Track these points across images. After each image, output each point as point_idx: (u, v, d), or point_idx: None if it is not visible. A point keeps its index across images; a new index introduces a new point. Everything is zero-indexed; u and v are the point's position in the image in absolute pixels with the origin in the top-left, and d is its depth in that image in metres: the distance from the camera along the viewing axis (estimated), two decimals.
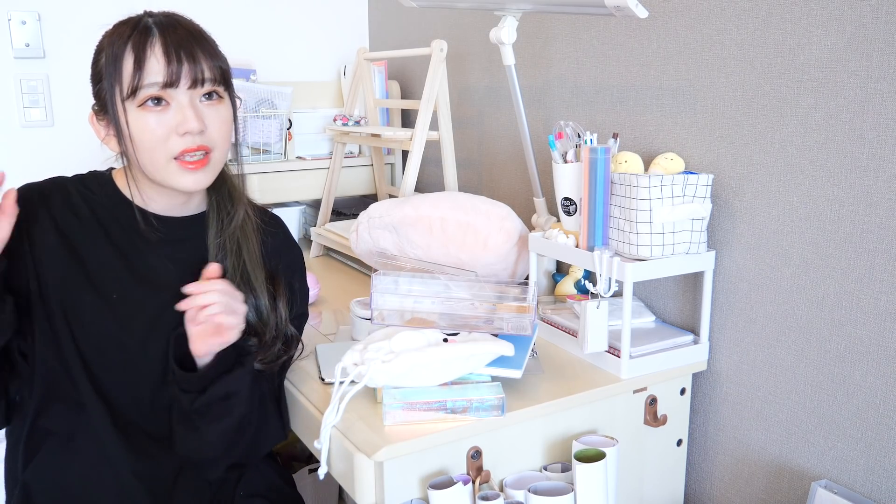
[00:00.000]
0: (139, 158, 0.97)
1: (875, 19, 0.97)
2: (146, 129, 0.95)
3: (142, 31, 0.94)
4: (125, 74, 0.94)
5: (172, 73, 0.94)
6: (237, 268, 1.05)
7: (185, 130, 0.95)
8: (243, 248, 1.06)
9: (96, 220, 1.02)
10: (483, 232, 1.35)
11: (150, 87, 0.94)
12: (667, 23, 1.26)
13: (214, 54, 0.99)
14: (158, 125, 0.95)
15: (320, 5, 2.16)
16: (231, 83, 1.03)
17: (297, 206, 1.96)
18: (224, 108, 1.01)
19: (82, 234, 1.01)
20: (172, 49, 0.94)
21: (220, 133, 1.00)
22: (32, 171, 1.20)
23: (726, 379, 1.23)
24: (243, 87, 1.82)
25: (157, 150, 0.96)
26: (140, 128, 0.95)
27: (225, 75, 1.01)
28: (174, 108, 0.96)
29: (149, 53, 0.94)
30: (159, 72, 0.94)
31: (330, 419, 0.95)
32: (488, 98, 1.77)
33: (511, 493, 1.01)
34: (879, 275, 1.00)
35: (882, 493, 1.03)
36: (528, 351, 1.08)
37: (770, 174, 1.12)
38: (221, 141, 1.01)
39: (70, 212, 1.02)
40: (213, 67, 0.98)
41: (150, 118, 0.95)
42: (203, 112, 0.98)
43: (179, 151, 0.96)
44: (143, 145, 0.96)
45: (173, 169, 0.98)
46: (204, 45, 0.98)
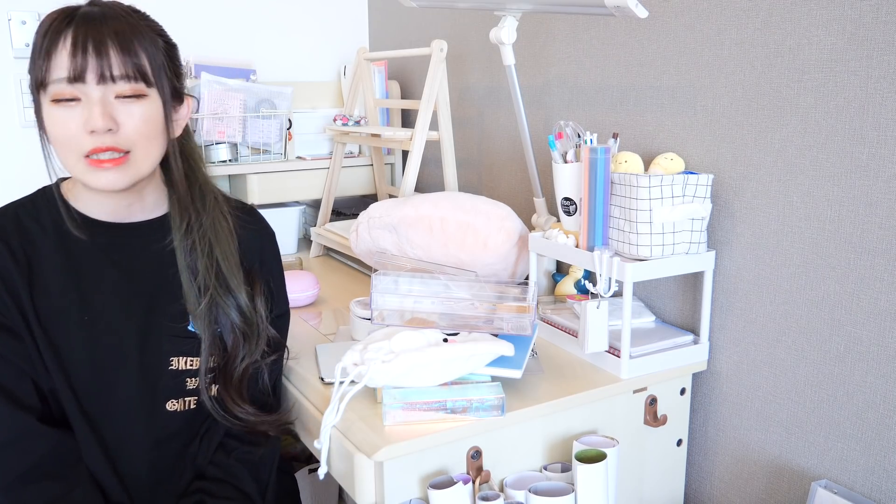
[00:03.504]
0: (56, 154, 0.94)
1: (875, 19, 0.97)
2: (57, 123, 0.91)
3: (60, 21, 0.90)
4: (37, 66, 0.90)
5: (76, 66, 0.89)
6: (210, 268, 1.01)
7: (91, 128, 0.90)
8: (216, 248, 1.02)
9: (53, 244, 0.99)
10: (483, 232, 1.35)
11: (57, 81, 0.89)
12: (667, 23, 1.26)
13: (131, 44, 0.91)
14: (69, 120, 0.91)
15: (320, 5, 2.16)
16: (163, 80, 0.95)
17: (297, 206, 1.96)
18: (147, 105, 0.93)
19: (42, 261, 0.98)
20: (80, 41, 0.89)
21: (137, 132, 0.93)
22: (32, 171, 1.20)
23: (726, 379, 1.23)
24: (243, 86, 1.83)
25: (67, 147, 0.92)
26: (51, 122, 0.92)
27: (143, 71, 0.92)
28: (83, 104, 0.91)
29: (60, 45, 0.89)
30: (64, 65, 0.89)
31: (330, 419, 0.95)
32: (488, 98, 1.77)
33: (511, 493, 1.01)
34: (879, 275, 1.00)
35: (882, 493, 1.03)
36: (528, 351, 1.08)
37: (770, 174, 1.12)
38: (141, 140, 0.94)
39: (25, 239, 0.98)
40: (127, 63, 0.91)
41: (60, 113, 0.91)
42: (116, 109, 0.92)
43: (88, 150, 0.91)
44: (55, 140, 0.93)
45: (83, 167, 0.93)
46: (121, 34, 0.91)
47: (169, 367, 1.01)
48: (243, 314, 1.03)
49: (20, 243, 0.97)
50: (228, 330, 1.03)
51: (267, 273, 1.11)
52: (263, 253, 1.12)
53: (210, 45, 1.99)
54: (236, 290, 1.03)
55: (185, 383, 1.03)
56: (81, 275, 0.99)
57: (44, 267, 0.98)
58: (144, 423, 1.00)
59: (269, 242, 1.14)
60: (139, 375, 1.00)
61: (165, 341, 1.01)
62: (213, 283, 1.00)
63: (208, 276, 1.01)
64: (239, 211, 1.09)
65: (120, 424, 1.00)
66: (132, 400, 1.00)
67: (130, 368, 0.99)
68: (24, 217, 0.99)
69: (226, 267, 1.02)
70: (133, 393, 0.99)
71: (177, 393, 1.02)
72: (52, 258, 0.98)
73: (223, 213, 1.05)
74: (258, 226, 1.13)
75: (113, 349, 0.99)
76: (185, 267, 1.01)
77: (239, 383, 1.04)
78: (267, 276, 1.10)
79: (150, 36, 0.94)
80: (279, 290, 1.14)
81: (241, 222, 1.08)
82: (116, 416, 0.99)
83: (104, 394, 0.98)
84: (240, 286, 1.03)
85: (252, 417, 1.04)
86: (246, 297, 1.03)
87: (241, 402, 1.03)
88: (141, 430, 1.00)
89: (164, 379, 1.01)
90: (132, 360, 0.99)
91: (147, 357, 1.00)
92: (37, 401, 0.96)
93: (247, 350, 1.03)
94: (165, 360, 1.01)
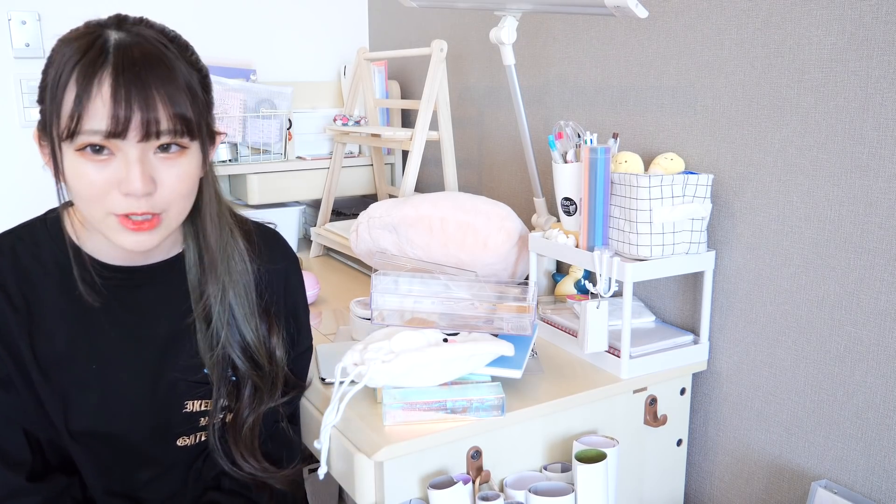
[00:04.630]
0: (76, 204, 0.84)
1: (875, 19, 0.97)
2: (83, 178, 0.79)
3: (93, 56, 0.77)
4: (64, 110, 0.77)
5: (119, 121, 0.76)
6: (223, 315, 0.93)
7: (128, 191, 0.79)
8: (229, 293, 0.93)
9: (56, 286, 0.89)
10: (483, 232, 1.35)
11: (90, 133, 0.77)
12: (667, 23, 1.26)
13: (177, 95, 0.80)
14: (98, 177, 0.79)
15: (320, 5, 2.16)
16: (202, 126, 0.85)
17: (297, 206, 1.96)
18: (186, 161, 0.83)
19: (44, 306, 0.89)
20: (123, 90, 0.76)
21: (174, 192, 0.83)
22: (32, 171, 1.19)
23: (726, 379, 1.23)
24: (243, 87, 1.83)
25: (93, 203, 0.81)
26: (76, 175, 0.79)
27: (189, 124, 0.81)
28: (118, 161, 0.79)
29: (94, 91, 0.76)
30: (103, 117, 0.76)
31: (330, 419, 0.95)
32: (488, 98, 1.77)
33: (511, 493, 1.01)
34: (879, 275, 1.00)
35: (882, 493, 1.03)
36: (528, 351, 1.08)
37: (770, 174, 1.12)
38: (177, 200, 0.84)
39: (23, 280, 0.88)
40: (174, 117, 0.79)
41: (88, 168, 0.79)
42: (155, 168, 0.81)
43: (121, 212, 0.80)
44: (78, 195, 0.81)
45: (111, 224, 0.82)
46: (166, 83, 0.79)
47: (183, 409, 0.95)
48: (256, 365, 0.96)
49: (18, 286, 0.88)
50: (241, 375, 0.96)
51: (292, 307, 1.03)
52: (288, 289, 1.03)
53: (210, 44, 1.98)
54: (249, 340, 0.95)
55: (199, 421, 0.97)
56: (89, 320, 0.90)
57: (46, 312, 0.89)
58: (154, 459, 0.96)
59: (294, 275, 1.05)
60: (151, 419, 0.94)
61: (180, 385, 0.95)
62: (226, 332, 0.93)
63: (220, 324, 0.93)
64: (260, 242, 0.99)
65: (128, 462, 0.95)
66: (143, 443, 0.94)
67: (142, 415, 0.93)
68: (23, 254, 0.89)
69: (240, 313, 0.94)
70: (144, 436, 0.94)
71: (189, 430, 0.97)
72: (56, 302, 0.89)
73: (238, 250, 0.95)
74: (283, 258, 1.03)
75: (124, 398, 0.92)
76: (199, 313, 0.94)
77: (250, 433, 0.96)
78: (291, 311, 1.03)
79: (190, 73, 0.83)
80: (303, 324, 1.06)
81: (259, 252, 0.98)
82: (125, 456, 0.95)
83: (112, 438, 0.93)
84: (252, 333, 0.95)
85: (260, 473, 0.96)
86: (260, 343, 0.96)
87: (249, 456, 0.96)
88: (150, 463, 0.96)
89: (176, 420, 0.96)
90: (144, 406, 0.93)
91: (159, 401, 0.94)
92: (27, 454, 0.91)
93: (256, 402, 0.96)
94: (179, 403, 0.95)
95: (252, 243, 0.98)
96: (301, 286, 1.07)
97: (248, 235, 0.98)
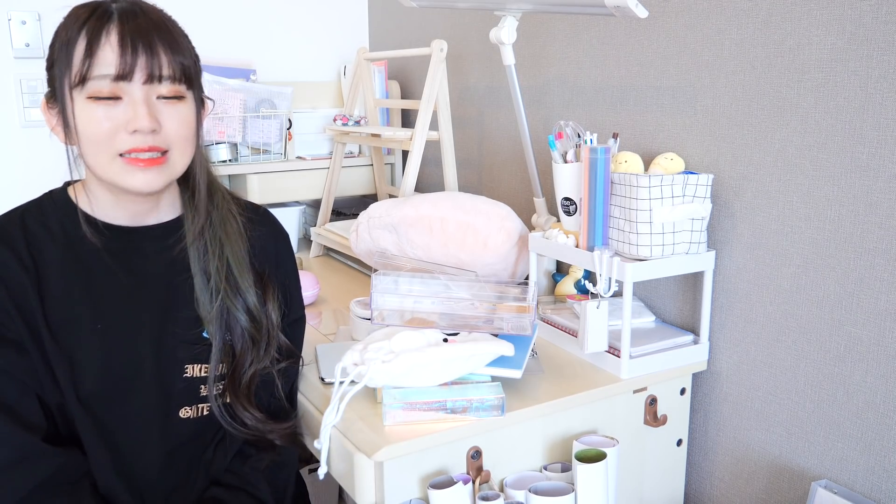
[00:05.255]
0: (84, 153, 0.90)
1: (875, 19, 0.97)
2: (92, 121, 0.87)
3: (99, 16, 0.86)
4: (75, 60, 0.85)
5: (126, 64, 0.85)
6: (221, 269, 0.99)
7: (135, 128, 0.87)
8: (226, 248, 1.00)
9: (62, 249, 0.95)
10: (483, 232, 1.35)
11: (100, 78, 0.86)
12: (667, 23, 1.26)
13: (178, 48, 0.90)
14: (106, 118, 0.87)
15: (320, 5, 2.16)
16: (197, 82, 0.95)
17: (297, 206, 1.96)
18: (184, 108, 0.92)
19: (51, 267, 0.94)
20: (129, 38, 0.85)
21: (177, 133, 0.91)
22: (32, 171, 1.19)
23: (726, 379, 1.23)
24: (243, 86, 1.83)
25: (102, 146, 0.88)
26: (86, 119, 0.87)
27: (187, 73, 0.91)
28: (126, 103, 0.87)
29: (103, 40, 0.85)
30: (112, 62, 0.85)
31: (330, 419, 0.95)
32: (488, 98, 1.77)
33: (511, 493, 1.01)
34: (879, 275, 1.00)
35: (882, 493, 1.03)
36: (528, 351, 1.08)
37: (770, 174, 1.12)
38: (179, 142, 0.92)
39: (32, 245, 0.94)
40: (174, 63, 0.89)
41: (97, 110, 0.87)
42: (159, 109, 0.90)
43: (127, 149, 0.88)
44: (88, 139, 0.88)
45: (118, 166, 0.89)
46: (167, 36, 0.89)
47: (183, 374, 0.98)
48: (253, 317, 1.00)
49: (28, 250, 0.93)
50: (238, 334, 1.00)
51: (283, 276, 1.08)
52: (279, 255, 1.09)
53: (210, 45, 1.98)
54: (246, 293, 1.00)
55: (199, 390, 1.00)
56: (93, 281, 0.95)
57: (53, 274, 0.94)
58: (158, 431, 0.98)
59: (283, 244, 1.11)
60: (154, 383, 0.97)
61: (180, 348, 0.98)
62: (224, 286, 0.98)
63: (219, 278, 0.98)
64: (250, 212, 1.06)
65: (133, 433, 0.97)
66: (146, 409, 0.97)
67: (145, 377, 0.96)
68: (31, 222, 0.95)
69: (236, 269, 1.00)
70: (147, 401, 0.97)
71: (190, 400, 0.99)
72: (62, 265, 0.94)
73: (232, 212, 1.03)
74: (272, 227, 1.10)
75: (128, 358, 0.96)
76: (198, 270, 0.98)
77: (247, 389, 1.00)
78: (283, 280, 1.07)
79: (186, 36, 0.93)
80: (294, 294, 1.10)
81: (252, 223, 1.05)
82: (130, 425, 0.96)
83: (118, 403, 0.95)
84: (249, 288, 1.00)
85: (260, 425, 1.00)
86: (256, 301, 1.01)
87: (250, 407, 1.00)
88: (154, 438, 0.98)
89: (178, 386, 0.98)
90: (147, 368, 0.96)
91: (162, 365, 0.97)
92: (41, 418, 0.93)
93: (255, 355, 1.00)
94: (180, 367, 0.98)
95: (243, 212, 1.05)
96: (292, 259, 1.12)
97: (241, 207, 1.05)
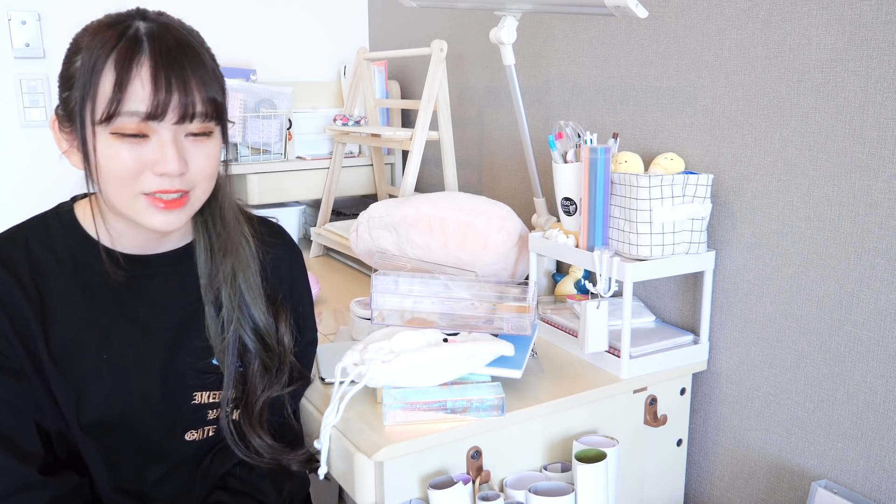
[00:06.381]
0: (102, 188, 0.85)
1: (875, 19, 0.97)
2: (116, 160, 0.82)
3: (130, 44, 0.80)
4: (101, 94, 0.80)
5: (158, 104, 0.80)
6: (234, 298, 0.95)
7: (163, 171, 0.82)
8: (238, 276, 0.95)
9: (69, 275, 0.91)
10: (483, 232, 1.35)
11: (129, 115, 0.80)
12: (667, 23, 1.26)
13: (209, 80, 0.84)
14: (132, 158, 0.82)
15: (320, 5, 2.16)
16: (225, 114, 0.89)
17: (297, 206, 1.96)
18: (212, 144, 0.87)
19: (56, 294, 0.90)
20: (162, 73, 0.80)
21: (202, 172, 0.87)
22: (33, 171, 1.19)
23: (726, 379, 1.23)
24: (243, 86, 1.82)
25: (124, 185, 0.83)
26: (109, 157, 0.82)
27: (218, 108, 0.86)
28: (153, 143, 0.82)
29: (133, 74, 0.79)
30: (143, 100, 0.79)
31: (330, 419, 0.95)
32: (488, 98, 1.77)
33: (511, 493, 1.01)
34: (879, 275, 1.00)
35: (882, 493, 1.03)
36: (528, 351, 1.08)
37: (770, 174, 1.12)
38: (203, 180, 0.88)
39: (36, 270, 0.89)
40: (207, 100, 0.84)
41: (122, 150, 0.81)
42: (187, 150, 0.85)
43: (152, 190, 0.84)
44: (110, 176, 0.83)
45: (142, 205, 0.85)
46: (200, 69, 0.83)
47: (192, 401, 0.96)
48: (265, 344, 0.97)
49: (31, 275, 0.89)
50: (249, 362, 0.97)
51: (297, 298, 1.05)
52: (293, 279, 1.05)
53: (210, 44, 1.98)
54: (259, 321, 0.97)
55: (207, 414, 0.97)
56: (100, 309, 0.92)
57: (58, 301, 0.90)
58: (162, 453, 0.96)
59: (297, 265, 1.07)
60: (160, 410, 0.94)
61: (189, 375, 0.95)
62: (237, 314, 0.95)
63: (231, 306, 0.95)
64: (263, 231, 1.02)
65: (137, 456, 0.95)
66: (151, 433, 0.95)
67: (152, 404, 0.94)
68: (36, 245, 0.91)
69: (249, 296, 0.96)
70: (153, 427, 0.94)
71: (196, 424, 0.97)
72: (68, 291, 0.90)
73: (245, 235, 0.98)
74: (286, 248, 1.06)
75: (134, 388, 0.93)
76: (209, 300, 0.95)
77: (260, 417, 0.97)
78: (296, 303, 1.04)
79: (213, 61, 0.87)
80: (308, 318, 1.08)
81: (265, 245, 1.00)
82: (133, 448, 0.95)
83: (122, 430, 0.93)
84: (262, 315, 0.97)
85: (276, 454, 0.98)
86: (269, 328, 0.98)
87: (263, 434, 0.97)
88: (158, 458, 0.96)
89: (185, 412, 0.96)
90: (154, 397, 0.94)
91: (169, 393, 0.94)
92: (39, 447, 0.90)
93: (267, 382, 0.98)
94: (188, 394, 0.96)
95: (257, 234, 1.00)
96: (305, 278, 1.09)
97: (253, 226, 1.01)
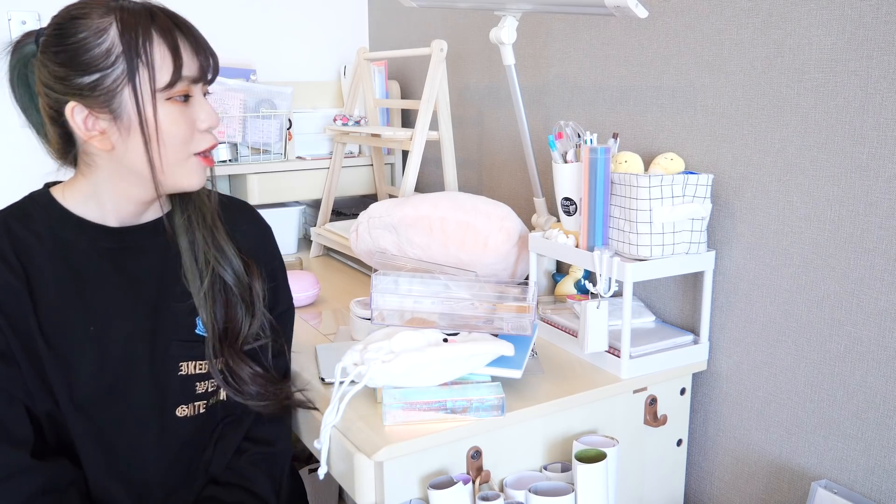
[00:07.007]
0: (162, 153, 0.91)
1: (875, 19, 0.97)
2: (177, 123, 0.90)
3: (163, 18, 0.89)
4: (160, 63, 0.87)
5: (202, 66, 0.91)
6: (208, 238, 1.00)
7: (208, 125, 0.93)
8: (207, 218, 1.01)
9: (50, 252, 0.93)
10: (483, 232, 1.35)
11: (184, 80, 0.89)
12: (667, 23, 1.26)
13: None
14: (185, 120, 0.91)
15: (320, 5, 2.16)
16: None
17: (297, 206, 1.96)
18: None
19: (41, 272, 0.92)
20: (197, 41, 0.91)
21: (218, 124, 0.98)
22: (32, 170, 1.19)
23: (726, 379, 1.23)
24: (243, 86, 1.82)
25: (183, 147, 0.92)
26: (171, 121, 0.90)
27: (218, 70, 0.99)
28: (195, 103, 0.92)
29: (181, 43, 0.89)
30: (192, 65, 0.90)
31: (330, 419, 0.95)
32: (488, 98, 1.77)
33: (511, 493, 1.01)
34: (879, 275, 1.00)
35: (882, 493, 1.03)
36: (528, 351, 1.08)
37: (770, 174, 1.12)
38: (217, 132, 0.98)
39: (19, 250, 0.92)
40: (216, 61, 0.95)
41: (177, 113, 0.90)
42: None
43: (203, 148, 0.94)
44: (171, 140, 0.90)
45: (192, 165, 0.94)
46: None
47: (178, 372, 0.99)
48: (240, 280, 1.01)
49: (15, 255, 0.92)
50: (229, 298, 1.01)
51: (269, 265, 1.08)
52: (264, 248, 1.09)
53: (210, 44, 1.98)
54: (232, 258, 1.01)
55: (195, 388, 1.00)
56: (83, 283, 0.94)
57: (43, 279, 0.92)
58: (155, 432, 0.98)
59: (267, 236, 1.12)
60: (149, 383, 0.97)
61: (173, 346, 0.98)
62: (213, 254, 0.99)
63: (207, 247, 0.99)
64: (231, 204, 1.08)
65: (130, 434, 0.97)
66: (142, 408, 0.97)
67: (140, 377, 0.96)
68: (16, 226, 0.93)
69: (220, 237, 1.01)
70: (143, 401, 0.97)
71: (186, 398, 1.00)
72: (51, 268, 0.93)
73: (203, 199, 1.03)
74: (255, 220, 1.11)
75: (122, 359, 0.95)
76: (187, 248, 0.99)
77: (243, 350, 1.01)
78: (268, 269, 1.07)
79: None
80: (282, 284, 1.11)
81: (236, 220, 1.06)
82: (126, 426, 0.96)
83: (114, 405, 0.95)
84: (234, 256, 1.01)
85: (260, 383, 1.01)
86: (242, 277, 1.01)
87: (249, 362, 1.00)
88: (151, 438, 0.98)
89: (173, 385, 0.98)
90: (142, 368, 0.96)
91: (156, 363, 0.97)
92: (29, 430, 0.91)
93: (243, 312, 1.01)
94: (174, 365, 0.98)
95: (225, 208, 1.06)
96: (276, 249, 1.13)
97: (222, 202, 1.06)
